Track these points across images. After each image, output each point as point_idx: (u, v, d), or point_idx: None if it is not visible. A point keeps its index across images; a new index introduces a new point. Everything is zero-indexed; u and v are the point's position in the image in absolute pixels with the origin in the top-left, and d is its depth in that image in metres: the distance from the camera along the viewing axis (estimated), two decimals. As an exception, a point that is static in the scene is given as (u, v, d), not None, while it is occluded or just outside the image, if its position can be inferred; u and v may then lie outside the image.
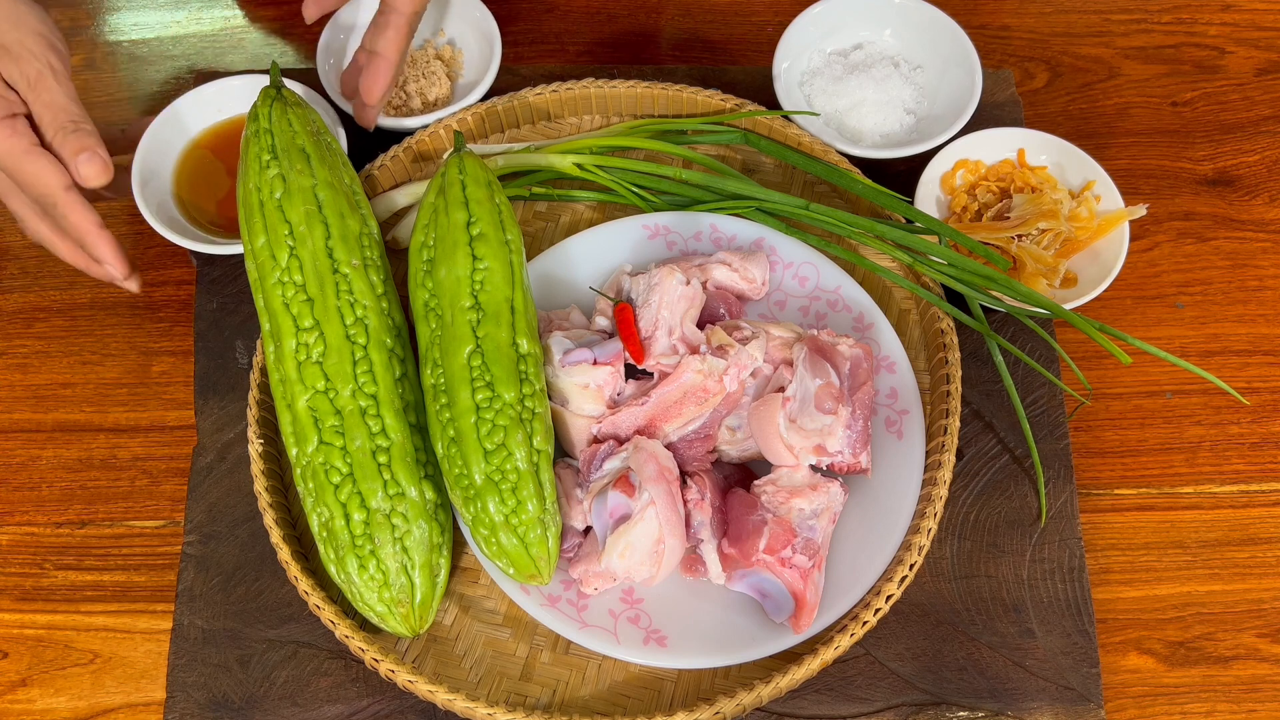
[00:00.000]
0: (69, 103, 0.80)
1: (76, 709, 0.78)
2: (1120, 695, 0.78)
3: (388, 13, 0.86)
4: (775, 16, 1.05)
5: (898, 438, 0.80)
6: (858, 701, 0.76)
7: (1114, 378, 0.88)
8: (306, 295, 0.75)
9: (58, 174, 0.79)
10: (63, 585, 0.81)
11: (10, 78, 0.79)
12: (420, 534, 0.72)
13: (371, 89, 0.87)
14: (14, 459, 0.86)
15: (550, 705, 0.76)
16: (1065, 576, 0.80)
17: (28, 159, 0.79)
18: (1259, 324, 0.91)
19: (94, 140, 0.80)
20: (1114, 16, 1.06)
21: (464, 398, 0.72)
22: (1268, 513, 0.84)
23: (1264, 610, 0.81)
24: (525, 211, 0.93)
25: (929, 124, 0.94)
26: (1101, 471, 0.85)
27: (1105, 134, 0.99)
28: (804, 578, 0.73)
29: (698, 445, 0.79)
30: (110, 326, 0.91)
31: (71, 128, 0.79)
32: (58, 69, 0.80)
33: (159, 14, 1.06)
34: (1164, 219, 0.95)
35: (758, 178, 0.93)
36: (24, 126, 0.79)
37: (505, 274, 0.76)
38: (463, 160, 0.80)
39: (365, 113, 0.89)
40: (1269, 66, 1.03)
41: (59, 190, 0.79)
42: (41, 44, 0.80)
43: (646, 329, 0.79)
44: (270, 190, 0.77)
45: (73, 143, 0.79)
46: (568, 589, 0.76)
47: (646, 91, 0.94)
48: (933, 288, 0.85)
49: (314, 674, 0.77)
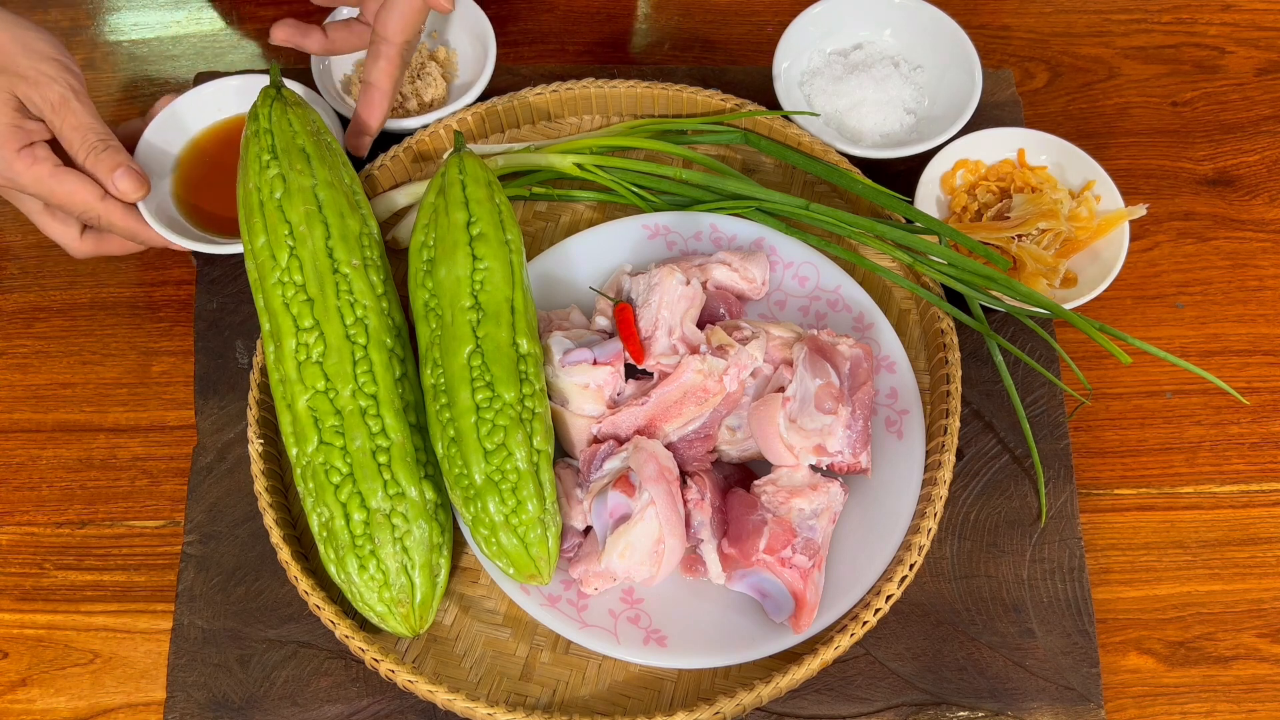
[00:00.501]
0: (95, 122, 0.82)
1: (76, 709, 0.78)
2: (1120, 695, 0.78)
3: (379, 43, 0.86)
4: (775, 16, 1.05)
5: (898, 438, 0.80)
6: (858, 701, 0.76)
7: (1114, 378, 0.88)
8: (306, 295, 0.75)
9: (90, 187, 0.82)
10: (63, 585, 0.81)
11: (33, 105, 0.81)
12: (420, 534, 0.72)
13: (367, 118, 0.89)
14: (14, 459, 0.86)
15: (550, 705, 0.76)
16: (1065, 576, 0.80)
17: (56, 181, 0.81)
18: (1259, 324, 0.91)
19: (125, 156, 0.82)
20: (1114, 16, 1.06)
21: (464, 398, 0.72)
22: (1268, 513, 0.84)
23: (1264, 610, 0.81)
24: (525, 211, 0.93)
25: (929, 124, 0.94)
26: (1101, 471, 0.85)
27: (1105, 134, 0.99)
28: (804, 578, 0.73)
29: (698, 445, 0.79)
30: (110, 326, 0.91)
31: (101, 147, 0.82)
32: (78, 90, 0.82)
33: (159, 14, 1.06)
34: (1164, 219, 0.95)
35: (758, 178, 0.93)
36: (44, 152, 0.81)
37: (505, 274, 0.76)
38: (463, 160, 0.80)
39: (359, 141, 0.90)
40: (1269, 66, 1.03)
41: (96, 202, 0.82)
42: (57, 68, 0.82)
43: (646, 329, 0.79)
44: (270, 190, 0.77)
45: (106, 161, 0.81)
46: (568, 589, 0.76)
47: (646, 91, 0.94)
48: (933, 288, 0.85)
49: (314, 674, 0.77)
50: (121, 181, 0.81)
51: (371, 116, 0.88)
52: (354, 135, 0.90)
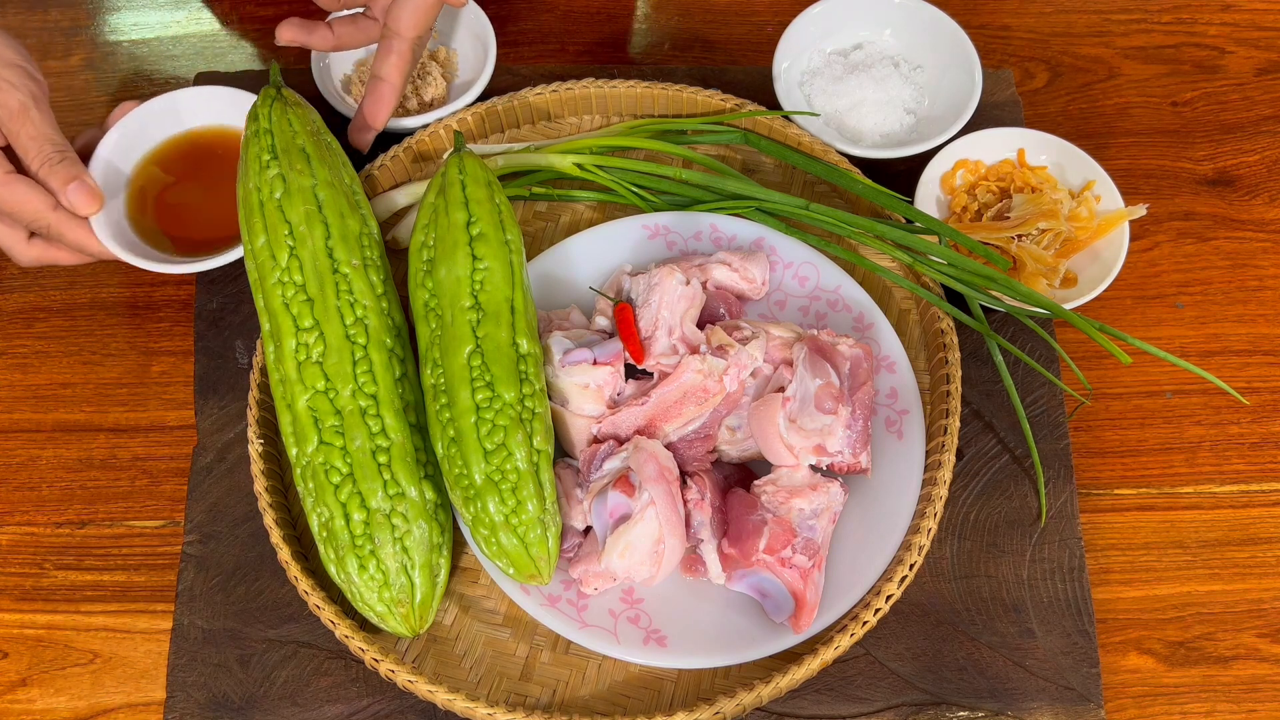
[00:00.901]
0: (52, 132, 0.81)
1: (76, 709, 0.78)
2: (1120, 695, 0.78)
3: (390, 38, 0.87)
4: (775, 16, 1.05)
5: (898, 438, 0.80)
6: (858, 701, 0.76)
7: (1114, 378, 0.88)
8: (306, 295, 0.75)
9: (42, 197, 0.80)
10: (63, 585, 0.81)
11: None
12: (420, 534, 0.72)
13: (375, 113, 0.88)
14: (14, 459, 0.86)
15: (550, 705, 0.76)
16: (1065, 576, 0.80)
17: (6, 188, 0.80)
18: (1259, 324, 0.91)
19: (80, 169, 0.81)
20: (1114, 16, 1.06)
21: (464, 398, 0.72)
22: (1268, 513, 0.84)
23: (1264, 610, 0.81)
24: (525, 211, 0.93)
25: (929, 124, 0.94)
26: (1101, 471, 0.85)
27: (1105, 134, 0.99)
28: (804, 578, 0.73)
29: (698, 445, 0.79)
30: (110, 326, 0.91)
31: (58, 158, 0.80)
32: (39, 98, 0.81)
33: (159, 14, 1.06)
34: (1164, 219, 0.95)
35: (758, 178, 0.93)
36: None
37: (505, 274, 0.76)
38: (463, 160, 0.80)
39: (362, 135, 0.90)
40: (1269, 66, 1.03)
41: (47, 211, 0.81)
42: (20, 75, 0.80)
43: (646, 329, 0.79)
44: (270, 190, 0.77)
45: (60, 173, 0.80)
46: (568, 589, 0.76)
47: (646, 91, 0.94)
48: (933, 288, 0.85)
49: (314, 674, 0.77)
50: (74, 195, 0.80)
51: (379, 112, 0.88)
52: (358, 131, 0.90)
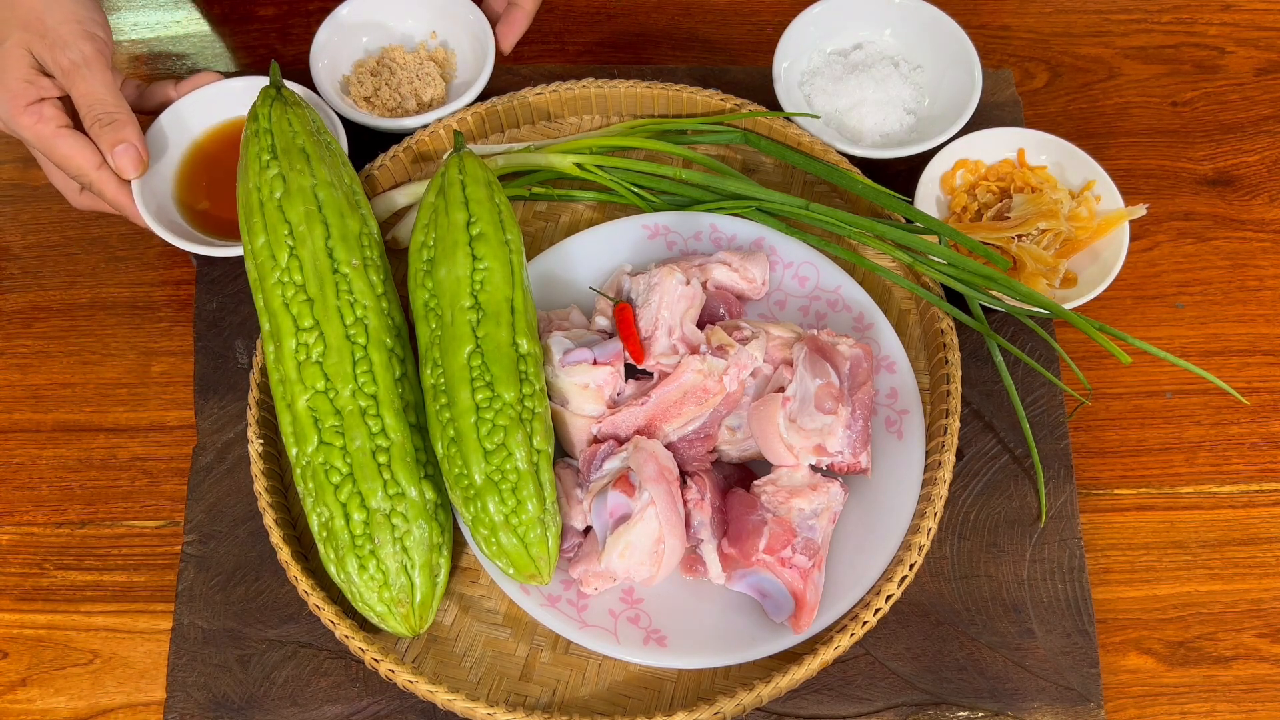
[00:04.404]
0: (105, 93, 0.82)
1: (76, 709, 0.78)
2: (1120, 695, 0.78)
3: None
4: (775, 16, 1.05)
5: (898, 438, 0.80)
6: (858, 701, 0.76)
7: (1114, 378, 0.88)
8: (306, 295, 0.75)
9: (89, 154, 0.82)
10: (63, 585, 0.81)
11: (47, 65, 0.81)
12: (420, 534, 0.72)
13: (506, 35, 0.95)
14: (14, 459, 0.86)
15: (550, 705, 0.76)
16: (1065, 576, 0.80)
17: (57, 141, 0.81)
18: (1259, 324, 0.91)
19: (129, 131, 0.82)
20: (1114, 16, 1.06)
21: (464, 398, 0.72)
22: (1268, 513, 0.84)
23: (1264, 610, 0.81)
24: (525, 211, 0.93)
25: (929, 124, 0.94)
26: (1101, 471, 0.85)
27: (1105, 134, 0.99)
28: (804, 578, 0.73)
29: (698, 445, 0.79)
30: (110, 326, 0.91)
31: (107, 119, 0.81)
32: (93, 57, 0.81)
33: (159, 14, 1.06)
34: (1164, 219, 0.95)
35: (758, 178, 0.93)
36: (51, 111, 0.81)
37: (505, 274, 0.76)
38: (463, 160, 0.80)
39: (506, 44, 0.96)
40: (1269, 66, 1.03)
41: (91, 170, 0.82)
42: (77, 31, 0.81)
43: (646, 329, 0.79)
44: (270, 190, 0.77)
45: (108, 135, 0.81)
46: (568, 589, 0.76)
47: (646, 91, 0.94)
48: (933, 288, 0.85)
49: (314, 674, 0.77)
50: (120, 158, 0.81)
51: (511, 33, 0.95)
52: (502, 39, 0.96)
